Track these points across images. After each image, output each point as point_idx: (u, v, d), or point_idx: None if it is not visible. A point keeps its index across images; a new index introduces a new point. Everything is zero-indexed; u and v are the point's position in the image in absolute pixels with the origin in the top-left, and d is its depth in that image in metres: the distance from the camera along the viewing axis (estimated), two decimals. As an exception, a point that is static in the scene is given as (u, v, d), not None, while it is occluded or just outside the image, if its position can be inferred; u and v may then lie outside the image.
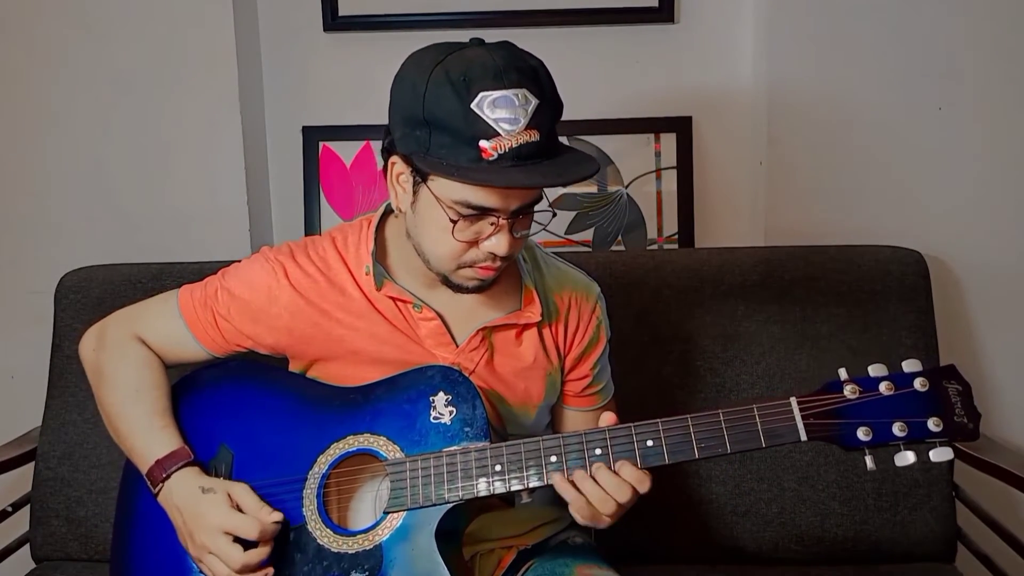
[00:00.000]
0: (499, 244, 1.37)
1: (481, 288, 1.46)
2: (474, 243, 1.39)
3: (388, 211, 1.56)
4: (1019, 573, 1.91)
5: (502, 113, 1.29)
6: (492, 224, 1.36)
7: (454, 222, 1.36)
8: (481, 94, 1.29)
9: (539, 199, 1.40)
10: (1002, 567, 1.94)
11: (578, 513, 1.38)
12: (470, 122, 1.29)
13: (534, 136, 1.30)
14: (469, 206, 1.34)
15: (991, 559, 1.98)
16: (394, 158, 1.41)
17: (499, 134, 1.29)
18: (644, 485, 1.35)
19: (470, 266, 1.41)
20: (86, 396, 2.06)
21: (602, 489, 1.35)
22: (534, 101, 1.31)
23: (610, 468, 1.35)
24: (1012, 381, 2.37)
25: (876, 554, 2.03)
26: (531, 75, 1.33)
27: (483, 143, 1.29)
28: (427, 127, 1.32)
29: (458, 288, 1.45)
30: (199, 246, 2.36)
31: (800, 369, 2.05)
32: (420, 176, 1.37)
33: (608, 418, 1.39)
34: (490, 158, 1.29)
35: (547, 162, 1.33)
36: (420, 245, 1.44)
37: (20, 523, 2.12)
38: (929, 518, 2.02)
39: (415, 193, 1.40)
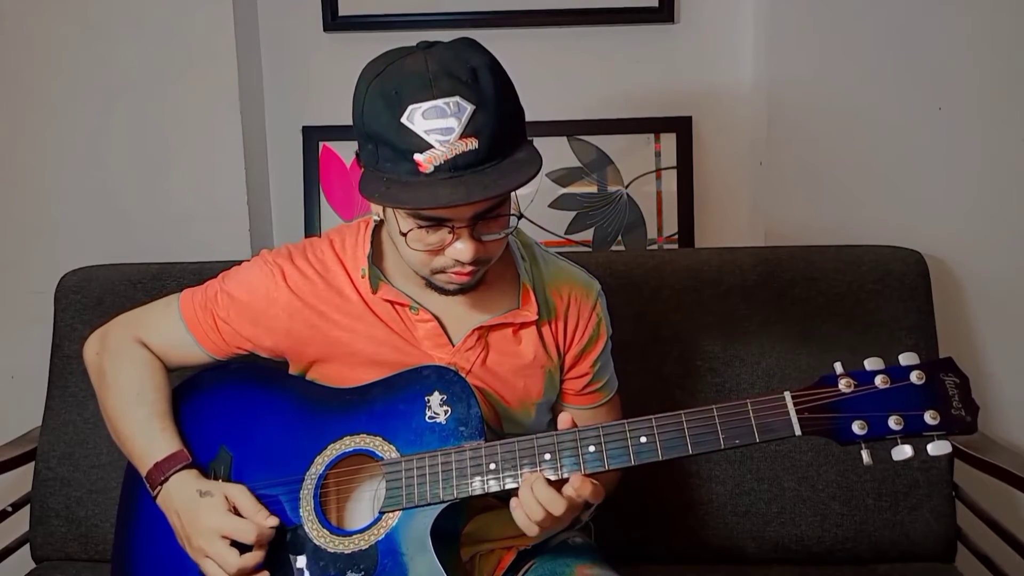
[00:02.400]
0: (462, 251, 1.36)
1: (463, 291, 1.45)
2: (439, 250, 1.38)
3: None
4: (1019, 573, 1.91)
5: (433, 124, 1.26)
6: (451, 232, 1.35)
7: (404, 234, 1.35)
8: (411, 107, 1.27)
9: (501, 202, 1.37)
10: (1002, 567, 1.94)
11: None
12: (403, 136, 1.27)
13: (471, 144, 1.27)
14: (420, 217, 1.33)
15: (991, 559, 1.97)
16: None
17: (432, 146, 1.26)
18: (597, 497, 1.35)
19: (443, 271, 1.41)
20: (86, 396, 2.07)
21: (535, 499, 1.35)
22: (468, 107, 1.27)
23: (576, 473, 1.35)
24: (1012, 380, 2.37)
25: (876, 554, 2.02)
26: (467, 79, 1.29)
27: (417, 157, 1.27)
28: (372, 141, 1.32)
29: (442, 291, 1.46)
30: (199, 246, 2.36)
31: (800, 369, 2.05)
32: None
33: (564, 420, 1.39)
34: (426, 171, 1.27)
35: (491, 168, 1.29)
36: (398, 251, 1.44)
37: (20, 523, 2.12)
38: (929, 518, 2.01)
39: None
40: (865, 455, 1.30)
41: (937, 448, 1.28)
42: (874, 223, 2.31)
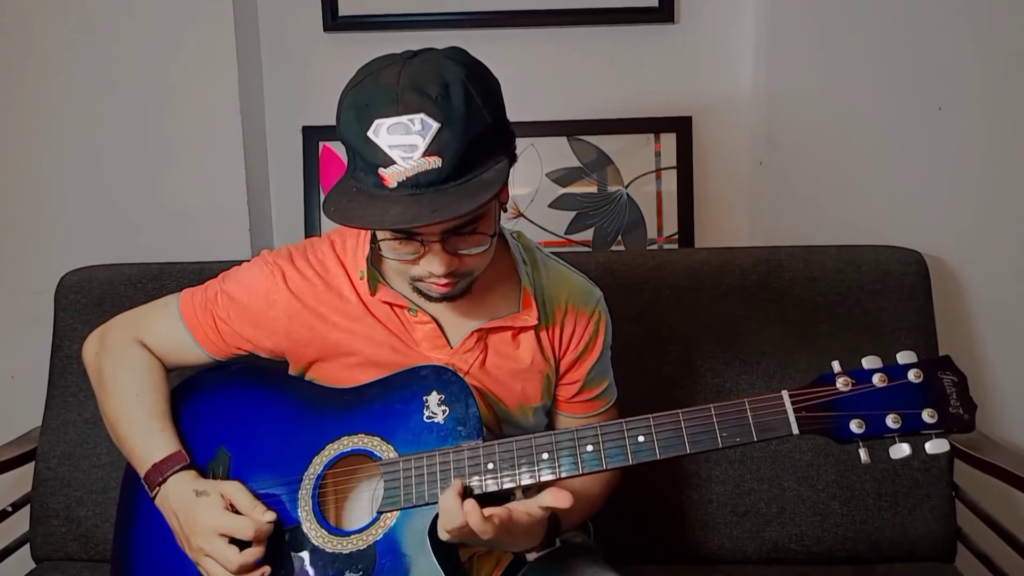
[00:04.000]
0: (432, 264, 1.36)
1: (448, 299, 1.45)
2: (416, 261, 1.38)
3: None
4: (1019, 573, 1.91)
5: (398, 140, 1.26)
6: (423, 245, 1.35)
7: (376, 243, 1.36)
8: (376, 121, 1.26)
9: (476, 218, 1.35)
10: (1002, 567, 1.94)
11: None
12: (369, 150, 1.27)
13: (434, 163, 1.26)
14: (390, 229, 1.34)
15: (991, 559, 1.98)
16: None
17: (395, 162, 1.26)
18: (471, 521, 1.31)
19: (421, 280, 1.41)
20: (86, 396, 2.07)
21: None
22: (434, 125, 1.26)
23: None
24: (1012, 381, 2.37)
25: (876, 554, 2.03)
26: (437, 95, 1.27)
27: (382, 171, 1.27)
28: (348, 150, 1.32)
29: (428, 298, 1.46)
30: (199, 246, 2.36)
31: (800, 369, 2.05)
32: None
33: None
34: (389, 186, 1.27)
35: (454, 188, 1.27)
36: None
37: (20, 523, 2.13)
38: (929, 518, 2.02)
39: None
40: (863, 454, 1.30)
41: (935, 446, 1.28)
42: (874, 223, 2.31)
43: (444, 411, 1.43)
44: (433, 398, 1.44)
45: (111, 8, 2.32)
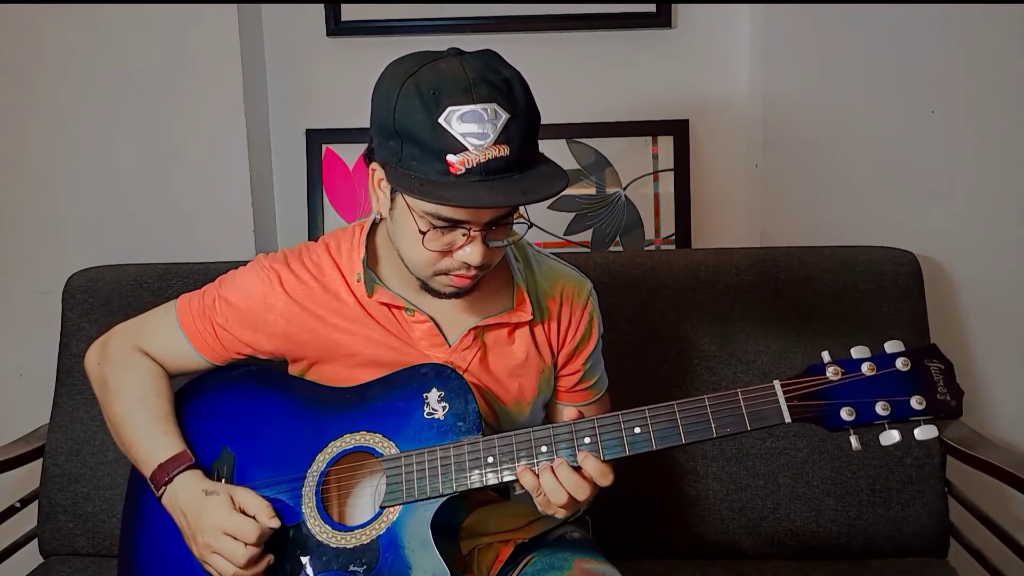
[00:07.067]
0: (472, 255, 1.38)
1: (459, 295, 1.47)
2: (448, 252, 1.39)
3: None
4: (1011, 567, 1.92)
5: (470, 128, 1.28)
6: (464, 235, 1.37)
7: (423, 233, 1.36)
8: (449, 108, 1.28)
9: (515, 210, 1.40)
10: (994, 562, 1.96)
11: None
12: (438, 136, 1.29)
13: (503, 151, 1.30)
14: (439, 218, 1.35)
15: (983, 554, 1.99)
16: (374, 164, 1.42)
17: (467, 149, 1.28)
18: (606, 479, 1.37)
19: (445, 273, 1.42)
20: (93, 394, 2.06)
21: (559, 484, 1.37)
22: (504, 115, 1.30)
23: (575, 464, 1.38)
24: (1004, 379, 2.38)
25: (870, 549, 2.05)
26: (503, 88, 1.32)
27: (450, 158, 1.29)
28: (399, 138, 1.33)
29: (436, 294, 1.47)
30: (205, 247, 2.39)
31: (795, 368, 2.01)
32: None
33: (570, 413, 1.42)
34: (457, 173, 1.29)
35: (518, 176, 1.32)
36: (399, 250, 1.45)
37: (29, 519, 2.15)
38: (922, 513, 2.03)
39: (392, 200, 1.41)
40: (854, 441, 1.32)
41: (924, 432, 1.30)
42: (868, 224, 2.33)
43: (444, 407, 1.45)
44: (433, 395, 1.46)
45: (119, 15, 2.34)
